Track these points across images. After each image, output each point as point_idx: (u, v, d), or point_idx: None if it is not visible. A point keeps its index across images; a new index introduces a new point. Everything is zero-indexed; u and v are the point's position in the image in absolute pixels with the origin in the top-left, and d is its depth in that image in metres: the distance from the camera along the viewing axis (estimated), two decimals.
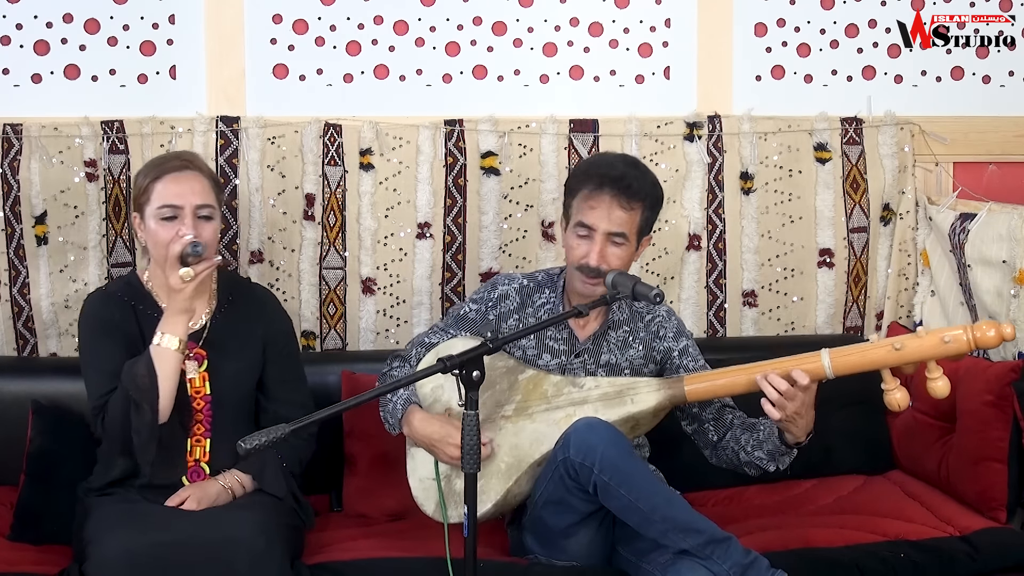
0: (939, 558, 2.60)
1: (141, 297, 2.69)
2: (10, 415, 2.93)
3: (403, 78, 3.26)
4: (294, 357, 2.80)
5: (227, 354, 2.67)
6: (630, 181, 2.59)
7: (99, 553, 2.33)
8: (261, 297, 2.82)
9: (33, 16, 3.12)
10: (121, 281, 2.77)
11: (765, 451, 2.54)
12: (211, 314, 2.70)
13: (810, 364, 2.43)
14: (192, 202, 2.59)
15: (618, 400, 2.54)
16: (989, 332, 2.35)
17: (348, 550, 2.64)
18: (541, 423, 2.55)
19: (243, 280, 2.91)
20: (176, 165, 2.63)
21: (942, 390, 2.40)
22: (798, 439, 2.49)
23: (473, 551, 2.14)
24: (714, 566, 2.34)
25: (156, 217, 2.59)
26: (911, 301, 3.41)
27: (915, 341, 2.39)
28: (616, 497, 2.39)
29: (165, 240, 2.55)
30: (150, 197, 2.60)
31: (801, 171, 3.35)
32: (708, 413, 2.67)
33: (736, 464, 2.62)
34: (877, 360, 2.42)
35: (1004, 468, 2.83)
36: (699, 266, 3.33)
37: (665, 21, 3.33)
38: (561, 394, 2.58)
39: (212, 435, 2.64)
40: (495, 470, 2.53)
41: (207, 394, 2.64)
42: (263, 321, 2.75)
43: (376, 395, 2.16)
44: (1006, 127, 3.43)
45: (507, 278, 2.78)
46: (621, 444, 2.42)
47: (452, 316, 2.77)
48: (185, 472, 2.61)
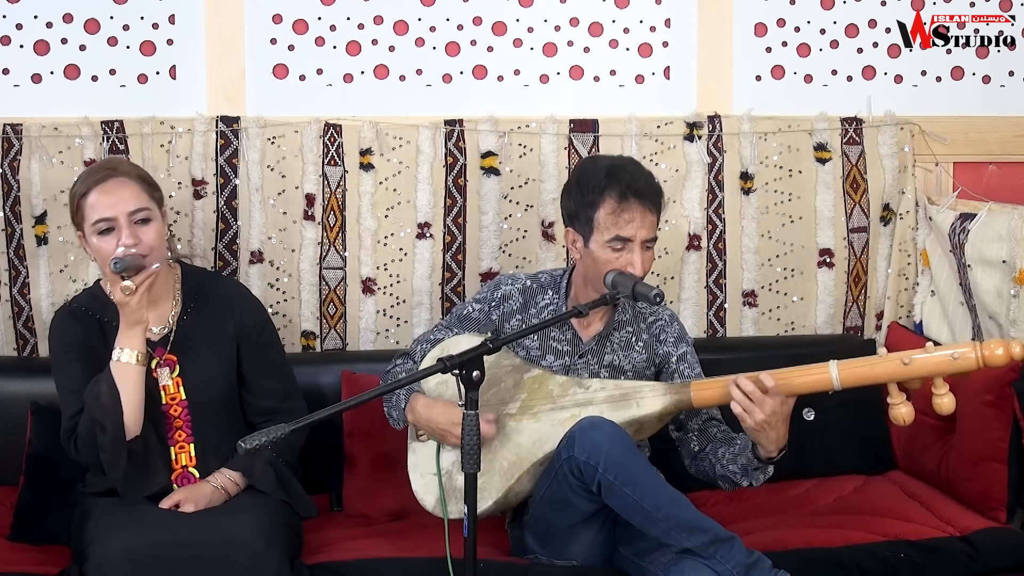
0: (939, 558, 2.60)
1: (106, 309, 2.65)
2: (10, 415, 2.93)
3: (403, 78, 3.26)
4: (271, 346, 2.76)
5: (198, 355, 2.64)
6: (654, 185, 2.62)
7: (99, 553, 2.33)
8: (228, 291, 2.77)
9: (33, 16, 3.12)
10: (87, 294, 2.74)
11: (739, 465, 2.52)
12: (177, 317, 2.66)
13: (817, 375, 2.42)
14: (124, 210, 2.53)
15: (623, 403, 2.54)
16: (997, 351, 2.33)
17: (348, 550, 2.64)
18: (545, 423, 2.55)
19: (209, 275, 2.85)
20: (101, 176, 2.58)
21: (948, 407, 2.39)
22: (769, 453, 2.46)
23: (473, 551, 2.14)
24: (717, 566, 2.34)
25: (94, 233, 2.55)
26: (911, 301, 3.41)
27: (924, 357, 2.38)
28: (620, 496, 2.38)
29: (107, 254, 2.51)
30: (84, 214, 2.56)
31: (801, 171, 3.35)
32: (694, 423, 2.67)
33: (711, 477, 2.61)
34: (885, 374, 2.40)
35: (1004, 468, 2.83)
36: (699, 266, 3.33)
37: (665, 21, 3.33)
38: (566, 395, 2.57)
39: (195, 439, 2.62)
40: (497, 468, 2.53)
41: (183, 399, 2.62)
42: (232, 316, 2.70)
43: (377, 395, 2.16)
44: (1006, 127, 3.43)
45: (511, 278, 2.78)
46: (626, 443, 2.42)
47: (455, 315, 2.77)
48: (170, 480, 2.59)
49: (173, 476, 2.60)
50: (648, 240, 2.60)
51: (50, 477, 2.82)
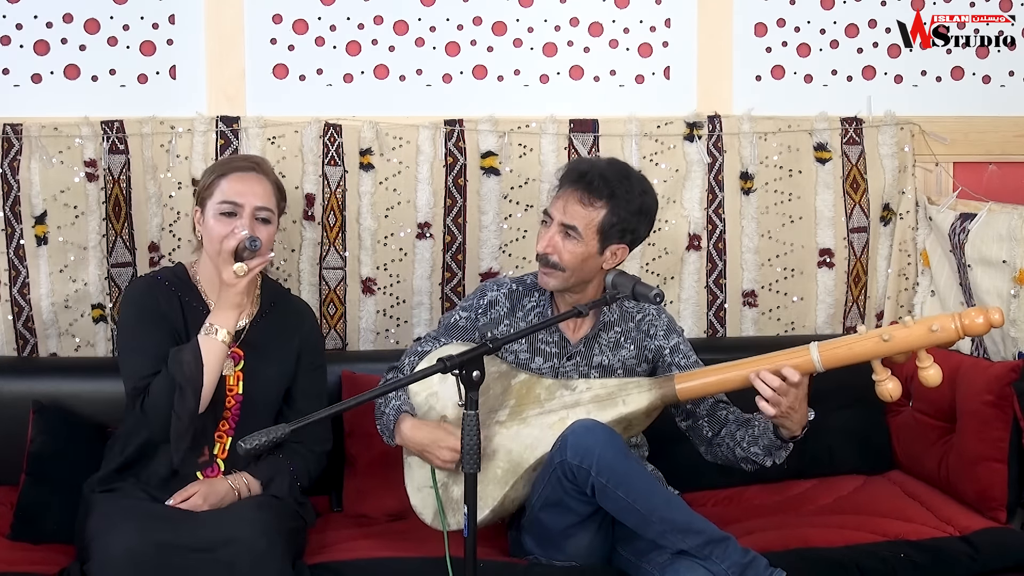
0: (939, 558, 2.60)
1: (188, 289, 2.71)
2: (10, 415, 2.93)
3: (403, 78, 3.26)
4: (321, 372, 2.83)
5: (263, 357, 2.70)
6: (592, 178, 2.59)
7: (101, 551, 2.34)
8: (301, 309, 2.86)
9: (33, 16, 3.12)
10: (168, 270, 2.79)
11: (761, 446, 2.54)
12: (252, 317, 2.72)
13: (799, 359, 2.44)
14: (253, 203, 2.62)
15: (609, 402, 2.55)
16: (977, 319, 2.34)
17: (348, 550, 2.64)
18: (535, 427, 2.55)
19: (285, 290, 2.93)
20: (244, 165, 2.69)
21: (934, 378, 2.40)
22: (793, 433, 2.49)
23: (473, 551, 2.14)
24: (713, 566, 2.35)
25: (215, 212, 2.62)
26: (911, 301, 3.41)
27: (903, 331, 2.39)
28: (614, 499, 2.39)
29: (220, 235, 2.58)
30: (213, 192, 2.65)
31: (801, 171, 3.35)
32: (702, 409, 2.67)
33: (732, 460, 2.62)
34: (866, 352, 2.42)
35: (1004, 468, 2.83)
36: (699, 266, 3.33)
37: (665, 21, 3.33)
38: (554, 397, 2.58)
39: (236, 434, 2.66)
40: (492, 476, 2.53)
41: (239, 393, 2.67)
42: (301, 332, 2.77)
43: (375, 396, 2.16)
44: (1006, 127, 3.43)
45: (496, 284, 2.79)
46: (618, 445, 2.42)
47: (443, 325, 2.78)
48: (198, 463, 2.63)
49: (200, 460, 2.64)
50: (566, 225, 2.59)
51: (51, 476, 2.82)
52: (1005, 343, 2.98)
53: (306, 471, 2.72)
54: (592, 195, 2.59)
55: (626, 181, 2.62)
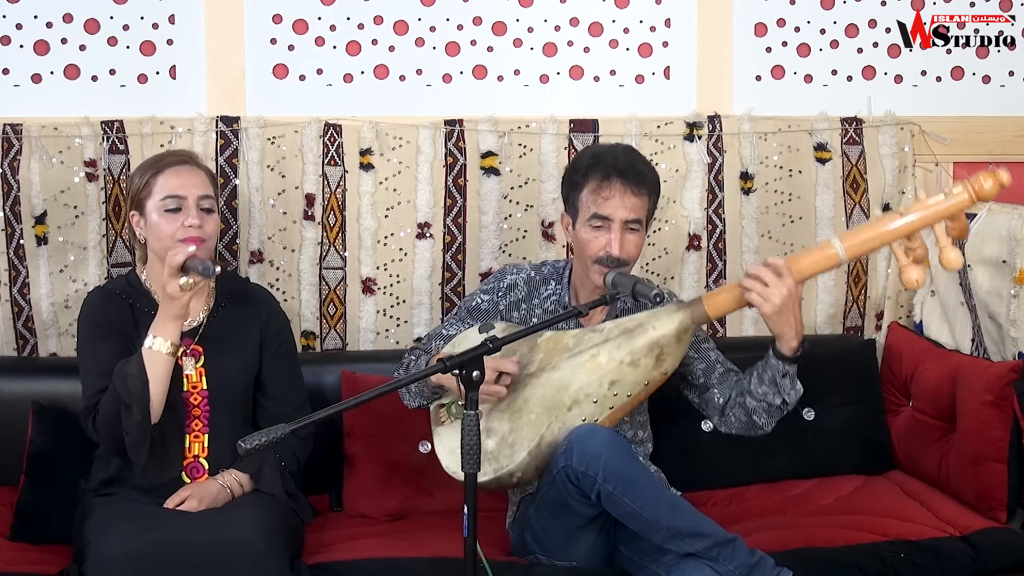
0: (939, 558, 2.60)
1: (140, 295, 2.70)
2: (10, 415, 2.93)
3: (403, 78, 3.26)
4: (291, 356, 2.81)
5: (224, 351, 2.68)
6: (639, 168, 2.64)
7: (99, 553, 2.33)
8: (259, 296, 2.83)
9: (33, 16, 3.12)
10: (121, 279, 2.78)
11: (767, 382, 2.51)
12: (208, 311, 2.71)
13: (822, 252, 2.42)
14: (195, 193, 2.61)
15: (639, 330, 2.50)
16: (987, 183, 2.33)
17: (348, 550, 2.64)
18: (566, 369, 2.52)
19: (241, 279, 2.92)
20: (176, 160, 2.67)
21: (955, 261, 2.35)
22: (791, 343, 2.46)
23: (473, 551, 2.14)
24: (720, 567, 2.34)
25: (159, 210, 2.60)
26: (911, 301, 3.41)
27: (919, 203, 2.36)
28: (620, 504, 2.38)
29: (169, 232, 2.57)
30: (152, 191, 2.62)
31: (801, 171, 3.35)
32: (713, 378, 2.67)
33: (745, 422, 2.59)
34: (886, 233, 2.38)
35: (1004, 468, 2.83)
36: (699, 266, 3.33)
37: (665, 21, 3.33)
38: (582, 342, 2.55)
39: (210, 431, 2.65)
40: (525, 422, 2.49)
41: (204, 389, 2.65)
42: (260, 320, 2.76)
43: (376, 395, 2.15)
44: (1006, 127, 3.43)
45: (515, 268, 2.81)
46: (623, 450, 2.42)
47: (465, 308, 2.78)
48: (182, 469, 2.62)
49: (184, 463, 2.63)
50: (630, 222, 2.60)
51: (50, 477, 2.82)
52: (1005, 343, 2.98)
53: (292, 456, 2.69)
54: (639, 184, 2.62)
55: (646, 160, 2.70)
